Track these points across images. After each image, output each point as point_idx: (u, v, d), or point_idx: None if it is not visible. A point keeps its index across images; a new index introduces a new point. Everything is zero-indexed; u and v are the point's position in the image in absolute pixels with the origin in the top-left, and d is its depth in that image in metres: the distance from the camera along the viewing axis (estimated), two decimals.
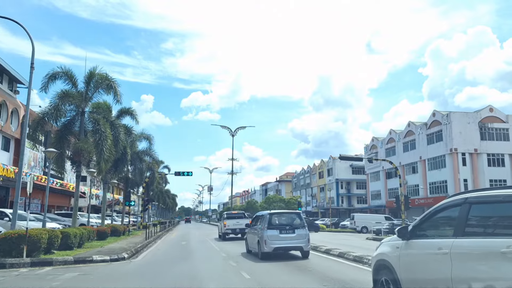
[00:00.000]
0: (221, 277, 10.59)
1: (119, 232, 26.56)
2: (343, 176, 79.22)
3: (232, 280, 9.98)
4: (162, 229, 39.64)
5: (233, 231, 27.16)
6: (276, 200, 62.34)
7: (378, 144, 64.15)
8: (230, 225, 27.37)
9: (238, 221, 27.54)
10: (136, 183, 34.04)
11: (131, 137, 25.46)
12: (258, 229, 14.96)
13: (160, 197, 57.03)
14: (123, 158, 25.02)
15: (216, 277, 10.64)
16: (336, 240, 25.50)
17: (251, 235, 16.36)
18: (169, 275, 10.82)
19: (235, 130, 47.10)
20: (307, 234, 14.30)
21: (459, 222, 4.56)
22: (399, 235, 5.59)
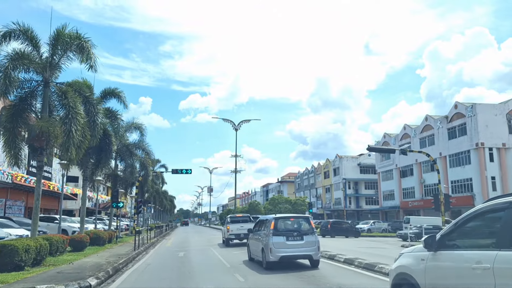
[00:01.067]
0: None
1: (103, 240, 21.54)
2: (351, 175, 74.33)
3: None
4: (157, 234, 34.65)
5: (237, 236, 24.54)
6: (282, 201, 57.35)
7: (391, 140, 59.27)
8: (234, 230, 24.66)
9: (242, 225, 24.66)
10: (127, 182, 29.04)
11: (116, 123, 20.44)
12: (262, 235, 13.57)
13: (156, 199, 52.13)
14: (106, 148, 20.07)
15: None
16: (372, 250, 20.56)
17: (253, 242, 14.87)
18: None
19: (239, 123, 42.25)
20: (316, 241, 12.88)
21: (504, 230, 3.90)
22: (426, 245, 4.88)
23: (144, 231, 27.61)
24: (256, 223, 15.91)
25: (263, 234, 13.50)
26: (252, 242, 15.24)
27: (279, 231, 12.93)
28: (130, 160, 26.12)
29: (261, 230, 14.29)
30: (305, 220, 13.75)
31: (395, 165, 57.95)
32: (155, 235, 31.77)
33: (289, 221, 13.82)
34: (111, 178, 27.11)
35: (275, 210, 55.96)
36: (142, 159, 28.06)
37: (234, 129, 41.80)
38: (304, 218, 14.09)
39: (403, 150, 23.73)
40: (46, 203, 42.94)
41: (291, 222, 13.76)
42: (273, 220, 13.24)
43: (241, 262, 14.90)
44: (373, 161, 74.78)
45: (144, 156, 28.39)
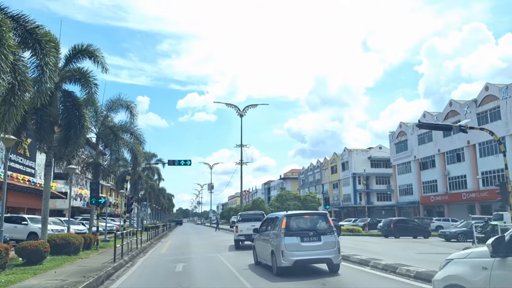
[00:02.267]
0: None
1: (75, 247, 15.93)
2: (361, 170, 68.66)
3: None
4: (153, 235, 29.11)
5: (247, 237, 20.18)
6: (290, 197, 51.84)
7: (408, 130, 53.80)
8: (244, 230, 20.67)
9: (254, 224, 19.98)
10: (112, 172, 23.41)
11: (88, 87, 14.84)
12: (272, 236, 11.53)
13: (152, 196, 46.61)
14: (76, 123, 14.51)
15: None
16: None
17: (261, 243, 12.78)
18: None
19: (244, 109, 36.72)
20: (336, 242, 10.80)
21: None
22: (493, 249, 3.83)
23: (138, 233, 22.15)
24: (264, 222, 13.66)
25: (273, 234, 11.61)
26: (259, 243, 13.07)
27: (292, 230, 11.02)
28: (115, 145, 20.48)
29: (269, 229, 12.29)
30: (322, 217, 11.63)
31: (413, 156, 52.46)
32: (149, 237, 26.22)
33: (303, 218, 11.77)
34: (91, 168, 21.50)
35: (282, 207, 50.43)
36: (131, 145, 22.43)
37: (239, 115, 36.33)
38: (321, 215, 11.90)
39: (462, 127, 18.25)
40: (29, 201, 37.63)
41: (306, 220, 11.68)
42: (285, 218, 11.27)
43: (248, 267, 12.69)
44: (384, 154, 69.38)
45: (134, 141, 22.77)
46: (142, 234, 30.19)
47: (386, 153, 69.58)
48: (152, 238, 28.29)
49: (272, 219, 12.60)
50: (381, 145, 70.76)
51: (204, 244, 24.22)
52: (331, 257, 10.62)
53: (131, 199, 29.22)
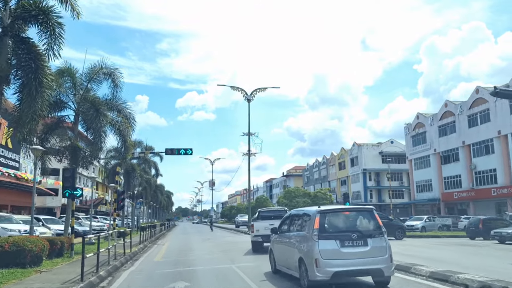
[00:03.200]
0: None
1: (33, 255, 11.35)
2: (371, 165, 64.45)
3: None
4: (148, 236, 24.60)
5: (265, 238, 16.44)
6: (299, 194, 47.29)
7: (426, 121, 49.30)
8: (261, 229, 17.05)
9: (273, 223, 16.33)
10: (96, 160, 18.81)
11: (49, 30, 10.28)
12: (299, 239, 8.90)
13: (148, 192, 42.07)
14: (31, 80, 9.99)
15: None
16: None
17: (281, 247, 9.97)
18: None
19: (252, 93, 32.11)
20: (388, 247, 8.13)
21: None
22: None
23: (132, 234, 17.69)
24: (285, 220, 10.75)
25: (300, 236, 8.82)
26: (278, 247, 10.35)
27: (328, 231, 8.21)
28: (97, 123, 15.90)
29: (294, 229, 9.56)
30: (367, 214, 8.68)
31: (433, 150, 47.94)
32: (143, 238, 21.68)
33: (343, 216, 8.79)
34: (68, 152, 16.92)
35: (291, 204, 45.99)
36: (118, 124, 17.84)
37: (246, 99, 31.72)
38: (366, 211, 8.85)
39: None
40: (15, 199, 33.39)
41: (347, 217, 8.73)
42: (318, 215, 8.38)
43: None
44: (396, 149, 64.99)
45: (122, 120, 18.19)
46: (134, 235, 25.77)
47: (398, 147, 65.23)
48: (147, 239, 23.77)
49: (298, 216, 9.75)
50: (392, 139, 66.39)
51: (210, 247, 19.65)
52: (381, 267, 7.94)
53: (122, 194, 24.71)
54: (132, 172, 30.70)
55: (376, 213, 8.81)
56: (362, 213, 8.85)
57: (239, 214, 46.18)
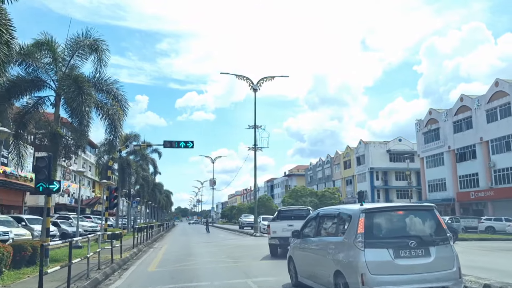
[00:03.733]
0: None
1: None
2: (379, 164, 61.67)
3: None
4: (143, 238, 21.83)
5: (283, 241, 14.16)
6: (306, 193, 44.50)
7: (440, 117, 46.54)
8: (278, 231, 14.79)
9: (292, 223, 14.22)
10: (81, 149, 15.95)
11: None
12: (334, 246, 6.67)
13: (145, 190, 39.21)
14: None
15: None
16: None
17: (306, 255, 7.82)
18: None
19: (258, 82, 29.38)
20: (455, 257, 6.17)
21: None
22: None
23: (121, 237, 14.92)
24: (309, 221, 8.27)
25: (335, 243, 6.58)
26: (301, 255, 7.98)
27: (377, 237, 6.08)
28: (78, 102, 13.09)
29: (323, 234, 7.35)
30: (427, 214, 6.49)
31: (447, 147, 45.16)
32: (138, 241, 18.89)
33: (396, 216, 6.47)
34: (48, 138, 14.11)
35: (297, 204, 43.14)
36: (106, 107, 15.03)
37: (252, 89, 28.98)
38: (425, 210, 6.58)
39: None
40: (4, 197, 30.80)
41: (401, 218, 6.45)
42: (363, 216, 6.18)
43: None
44: (405, 147, 62.28)
45: (112, 103, 15.39)
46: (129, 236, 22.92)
47: (406, 145, 62.55)
48: (143, 241, 20.98)
49: (331, 216, 7.54)
50: (400, 137, 63.60)
51: (215, 253, 16.84)
52: (449, 285, 5.94)
53: (115, 191, 21.91)
54: (128, 168, 27.88)
55: (438, 213, 6.63)
56: (420, 213, 6.63)
57: (243, 214, 43.33)
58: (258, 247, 18.94)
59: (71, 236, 27.23)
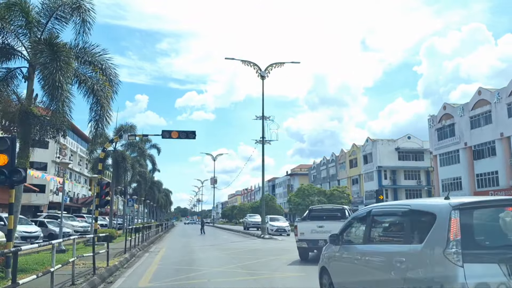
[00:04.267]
0: None
1: None
2: (387, 163, 58.89)
3: None
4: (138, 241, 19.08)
5: (311, 243, 12.56)
6: (313, 192, 41.75)
7: (455, 111, 43.80)
8: (306, 232, 12.81)
9: (322, 224, 12.54)
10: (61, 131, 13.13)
11: None
12: (404, 257, 4.26)
13: (143, 188, 36.42)
14: None
15: None
16: None
17: (350, 267, 5.57)
18: None
19: (267, 68, 26.62)
20: None
21: None
22: None
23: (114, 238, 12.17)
24: (353, 222, 6.33)
25: (406, 254, 4.28)
26: (342, 267, 5.93)
27: (482, 246, 3.84)
28: (52, 70, 10.30)
29: (377, 240, 5.34)
30: None
31: (463, 143, 42.41)
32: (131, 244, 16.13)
33: (501, 214, 3.91)
34: (18, 118, 11.33)
35: (304, 203, 40.50)
36: (91, 81, 12.26)
37: (260, 76, 26.23)
38: None
39: None
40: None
41: (508, 217, 3.90)
42: (456, 214, 3.88)
43: None
44: (414, 145, 59.60)
45: (99, 78, 12.61)
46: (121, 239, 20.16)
47: (416, 143, 59.88)
48: (138, 244, 18.23)
49: (394, 215, 5.27)
50: (409, 135, 60.87)
51: (222, 259, 14.03)
52: None
53: (107, 186, 19.14)
54: (123, 162, 25.10)
55: None
56: None
57: (248, 214, 40.50)
58: (270, 252, 16.22)
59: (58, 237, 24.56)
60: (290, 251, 15.22)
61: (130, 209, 29.40)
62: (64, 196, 53.06)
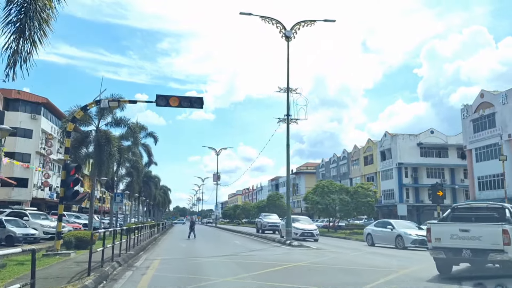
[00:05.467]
0: None
1: None
2: (408, 159, 52.92)
3: None
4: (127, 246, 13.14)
5: (453, 254, 8.83)
6: (334, 189, 35.70)
7: (496, 99, 37.88)
8: (444, 238, 8.91)
9: (468, 228, 8.62)
10: None
11: None
12: None
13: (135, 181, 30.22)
14: None
15: None
16: None
17: None
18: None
19: (293, 27, 20.69)
20: None
21: None
22: None
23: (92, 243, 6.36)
24: None
25: None
26: None
27: None
28: None
29: None
30: None
31: (506, 135, 36.42)
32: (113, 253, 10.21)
33: None
34: None
35: (324, 202, 34.47)
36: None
37: (284, 36, 20.34)
38: None
39: None
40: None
41: None
42: None
43: None
44: (437, 140, 53.70)
45: None
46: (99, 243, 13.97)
47: (439, 138, 53.95)
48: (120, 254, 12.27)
49: None
50: (432, 129, 54.93)
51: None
52: None
53: (76, 171, 13.18)
54: (107, 145, 19.06)
55: None
56: None
57: (263, 214, 33.88)
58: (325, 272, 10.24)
59: (19, 240, 18.53)
60: (378, 271, 9.48)
61: (119, 205, 23.34)
62: (51, 193, 46.12)
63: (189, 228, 27.85)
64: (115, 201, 23.24)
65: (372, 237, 19.44)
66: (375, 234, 19.25)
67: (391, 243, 18.17)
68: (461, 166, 54.18)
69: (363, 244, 21.03)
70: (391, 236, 18.06)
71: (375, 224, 19.79)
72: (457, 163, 53.65)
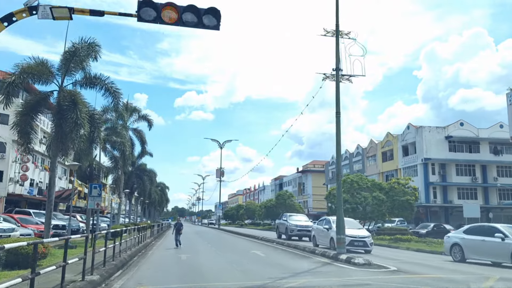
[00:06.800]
0: None
1: None
2: (435, 154, 46.51)
3: None
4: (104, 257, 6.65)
5: None
6: (365, 185, 29.21)
7: None
8: None
9: None
10: None
11: None
12: None
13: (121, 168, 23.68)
14: None
15: None
16: None
17: None
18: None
19: None
20: None
21: None
22: None
23: None
24: None
25: None
26: None
27: None
28: None
29: None
30: None
31: None
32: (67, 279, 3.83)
33: None
34: None
35: (353, 201, 28.03)
36: None
37: None
38: None
39: None
40: None
41: None
42: None
43: None
44: (468, 133, 47.40)
45: None
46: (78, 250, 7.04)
47: (470, 131, 47.56)
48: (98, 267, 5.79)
49: None
50: (462, 121, 48.51)
51: None
52: None
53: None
54: (72, 109, 12.64)
55: None
56: None
57: (287, 214, 26.12)
58: None
59: None
60: None
61: (96, 201, 16.85)
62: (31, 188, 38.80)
63: (174, 234, 20.17)
64: (90, 195, 16.73)
65: (462, 250, 13.01)
66: (468, 245, 12.81)
67: (504, 258, 11.75)
68: (494, 162, 47.90)
69: (442, 258, 14.70)
70: (503, 249, 11.62)
71: (466, 231, 13.34)
72: (489, 159, 47.35)
